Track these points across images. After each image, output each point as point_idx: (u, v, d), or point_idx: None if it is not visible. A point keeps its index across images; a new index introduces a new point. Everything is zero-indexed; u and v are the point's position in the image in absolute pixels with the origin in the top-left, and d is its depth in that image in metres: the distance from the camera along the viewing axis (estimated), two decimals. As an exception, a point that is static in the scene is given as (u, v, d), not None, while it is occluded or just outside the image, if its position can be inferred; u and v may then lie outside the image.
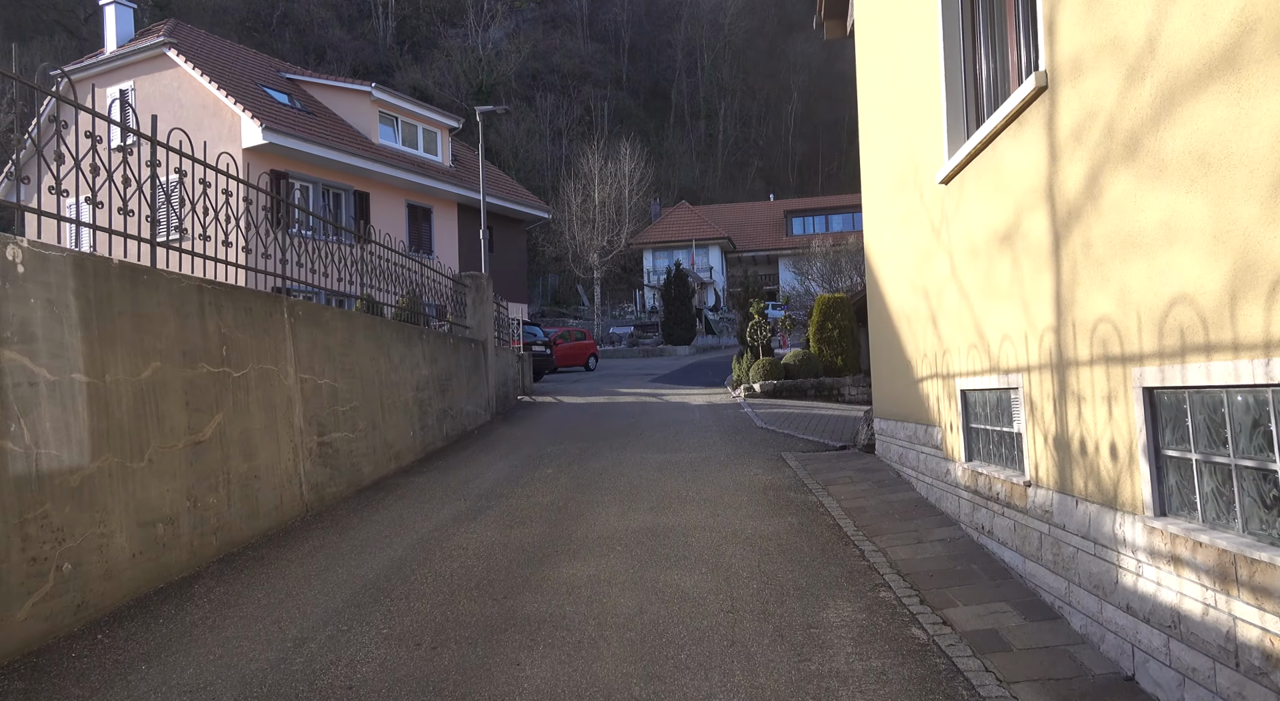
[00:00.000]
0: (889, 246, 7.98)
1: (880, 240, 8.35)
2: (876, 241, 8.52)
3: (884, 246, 8.19)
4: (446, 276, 13.39)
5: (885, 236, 8.11)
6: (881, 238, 8.29)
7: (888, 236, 8.00)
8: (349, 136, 25.00)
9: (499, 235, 31.59)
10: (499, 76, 61.05)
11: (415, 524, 6.85)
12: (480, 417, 13.71)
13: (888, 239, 8.01)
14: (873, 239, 8.67)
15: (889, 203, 7.83)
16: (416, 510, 7.38)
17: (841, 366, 18.29)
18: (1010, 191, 4.66)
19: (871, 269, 8.74)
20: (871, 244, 8.74)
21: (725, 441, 11.10)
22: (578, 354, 29.73)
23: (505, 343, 18.49)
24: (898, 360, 7.71)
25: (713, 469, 9.01)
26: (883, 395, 8.52)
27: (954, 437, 6.04)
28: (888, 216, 7.91)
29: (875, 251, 8.58)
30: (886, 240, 8.06)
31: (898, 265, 7.62)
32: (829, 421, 13.02)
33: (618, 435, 12.08)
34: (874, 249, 8.63)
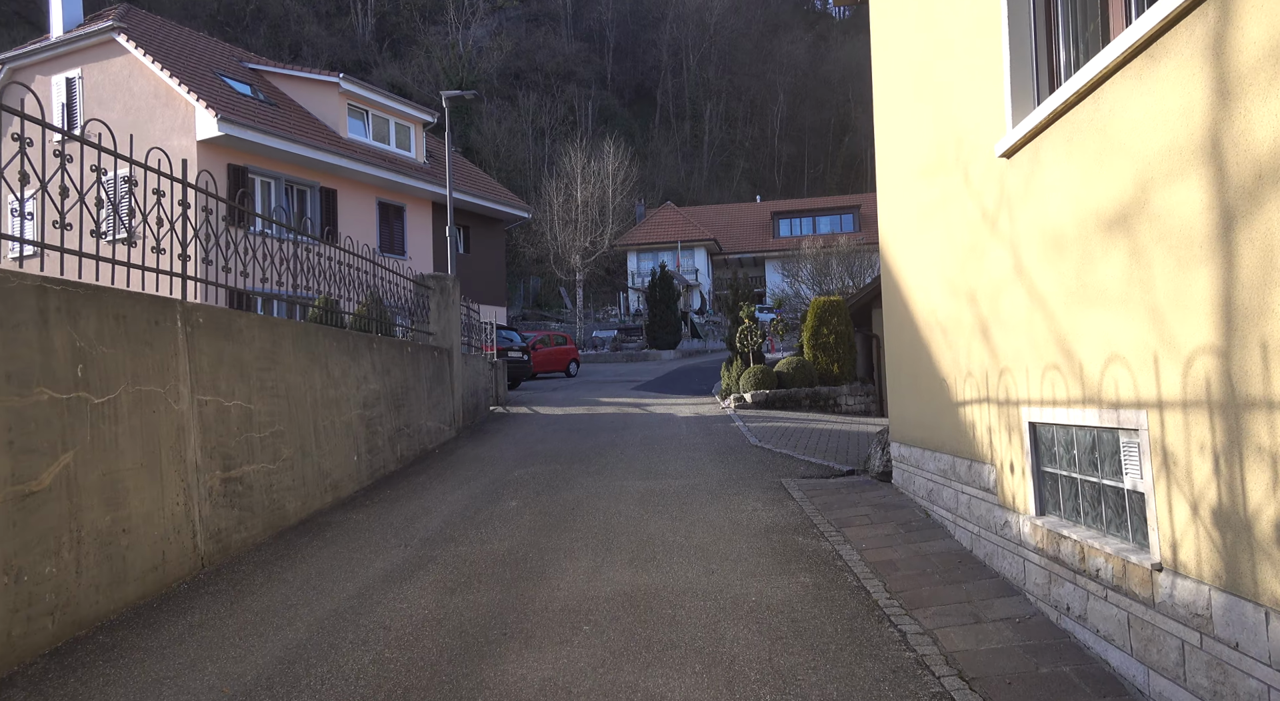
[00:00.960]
0: (914, 241, 6.68)
1: (902, 234, 7.05)
2: (897, 236, 7.23)
3: (907, 241, 6.90)
4: (406, 278, 12.00)
5: (909, 229, 6.82)
6: (904, 231, 7.00)
7: (913, 229, 6.71)
8: (315, 130, 23.54)
9: (476, 235, 30.18)
10: (480, 74, 59.55)
11: (334, 584, 5.46)
12: (443, 434, 12.32)
13: (913, 232, 6.72)
14: (892, 233, 7.37)
15: (915, 189, 6.54)
16: (342, 562, 6.00)
17: (838, 374, 17.03)
18: (1128, 156, 3.36)
19: (889, 268, 7.45)
20: (890, 239, 7.44)
21: (716, 463, 9.78)
22: (558, 359, 28.34)
23: (476, 349, 17.10)
24: (926, 377, 6.41)
25: (703, 501, 7.68)
26: (904, 417, 7.21)
27: (1016, 482, 4.74)
28: (913, 206, 6.62)
29: (895, 248, 7.29)
30: (911, 234, 6.77)
31: (927, 263, 6.33)
32: (830, 438, 11.72)
33: (596, 454, 10.72)
34: (893, 245, 7.34)
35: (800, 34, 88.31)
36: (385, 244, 25.69)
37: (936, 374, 6.15)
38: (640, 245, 48.07)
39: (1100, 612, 3.76)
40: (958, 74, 5.47)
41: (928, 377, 6.35)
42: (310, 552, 6.22)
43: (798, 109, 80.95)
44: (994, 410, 5.04)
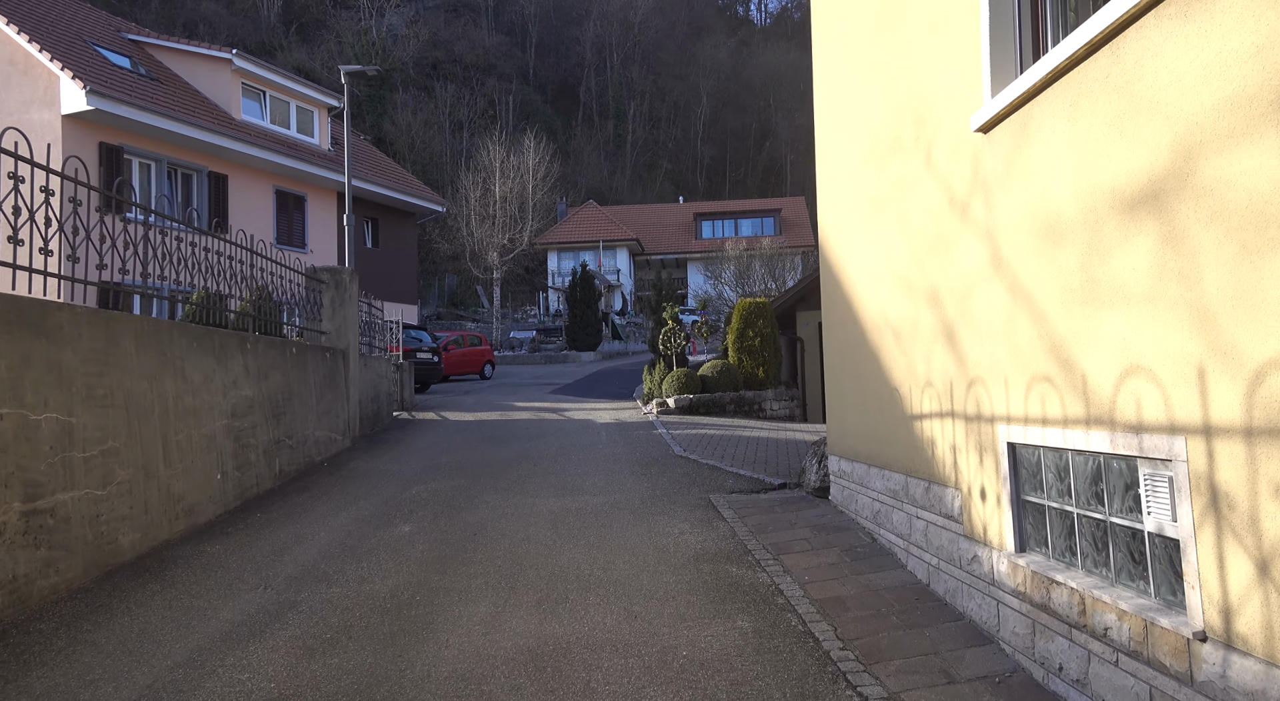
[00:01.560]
0: (862, 235, 5.98)
1: (846, 228, 6.35)
2: (840, 231, 6.52)
3: (853, 236, 6.19)
4: (295, 271, 10.77)
5: (855, 223, 6.12)
6: (849, 225, 6.29)
7: (860, 223, 6.01)
8: (205, 109, 21.73)
9: (386, 229, 28.65)
10: (395, 62, 57.41)
11: (158, 647, 4.38)
12: (336, 445, 11.13)
13: (860, 226, 6.02)
14: (834, 228, 6.67)
15: (863, 178, 5.84)
16: (179, 612, 4.90)
17: (764, 378, 16.45)
18: (1164, 117, 2.66)
19: (831, 266, 6.75)
20: (832, 234, 6.73)
21: (638, 476, 8.94)
22: (471, 361, 27.07)
23: (379, 350, 15.86)
24: (874, 386, 5.72)
25: (625, 522, 6.82)
26: (845, 429, 6.51)
27: (988, 511, 4.04)
28: (861, 196, 5.91)
29: (838, 244, 6.58)
30: (857, 228, 6.07)
31: (878, 259, 5.63)
32: (759, 447, 11.03)
33: (506, 467, 9.75)
34: (836, 240, 6.63)
35: (723, 39, 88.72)
36: (283, 236, 24.03)
37: (887, 383, 5.45)
38: (561, 244, 47.01)
39: (1109, 681, 3.06)
40: (919, 40, 4.77)
41: (876, 386, 5.65)
42: (140, 600, 5.09)
43: (720, 112, 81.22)
44: (960, 426, 4.34)
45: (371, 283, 26.86)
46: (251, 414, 8.35)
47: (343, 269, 12.06)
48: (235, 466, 7.90)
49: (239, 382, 8.12)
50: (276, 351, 9.18)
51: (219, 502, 7.50)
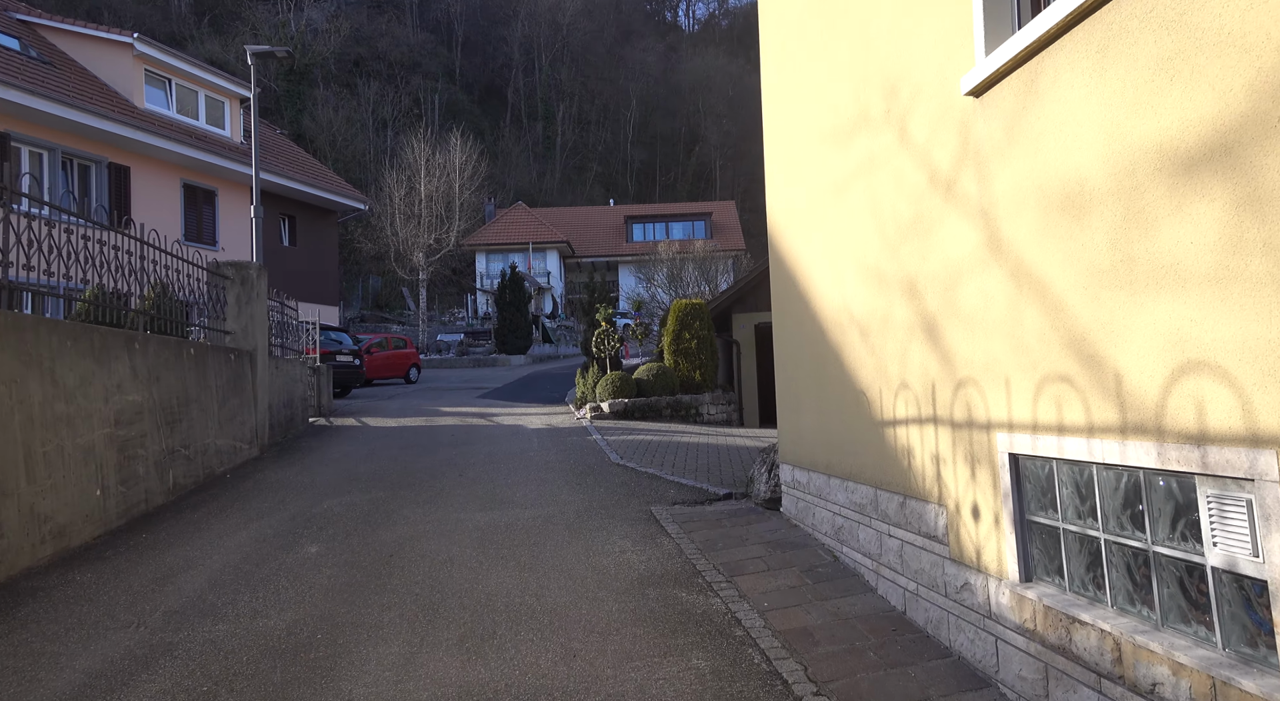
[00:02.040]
0: (820, 223, 5.49)
1: (801, 216, 5.86)
2: (794, 219, 6.03)
3: (809, 224, 5.70)
4: (195, 265, 9.77)
5: (812, 210, 5.63)
6: (804, 212, 5.80)
7: (817, 209, 5.52)
8: (104, 97, 20.20)
9: (304, 227, 27.28)
10: (315, 57, 55.40)
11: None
12: (241, 454, 10.15)
13: (817, 213, 5.52)
14: (786, 216, 6.17)
15: (823, 159, 5.35)
16: (25, 661, 4.06)
17: (700, 382, 15.98)
18: (1238, 48, 2.18)
19: (782, 258, 6.25)
20: (784, 223, 6.24)
21: (573, 486, 8.29)
22: (395, 364, 25.94)
23: (294, 352, 14.81)
24: (836, 388, 5.22)
25: (559, 539, 6.18)
26: (800, 435, 6.01)
27: (982, 532, 3.56)
28: (819, 180, 5.42)
29: (791, 233, 6.09)
30: (814, 215, 5.58)
31: (840, 248, 5.14)
32: (699, 454, 10.51)
33: (430, 477, 8.99)
34: (789, 230, 6.14)
35: (652, 43, 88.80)
36: (192, 232, 22.55)
37: (851, 384, 4.95)
38: (490, 245, 45.93)
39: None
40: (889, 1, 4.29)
41: (838, 388, 5.16)
42: (-22, 648, 4.22)
43: (649, 116, 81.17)
44: (945, 434, 3.86)
45: (289, 282, 25.50)
46: (140, 421, 7.41)
47: (249, 263, 11.07)
48: (119, 480, 6.96)
49: (124, 386, 7.17)
50: (171, 352, 8.23)
51: (98, 522, 6.57)
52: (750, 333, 19.41)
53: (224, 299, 10.71)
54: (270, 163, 25.02)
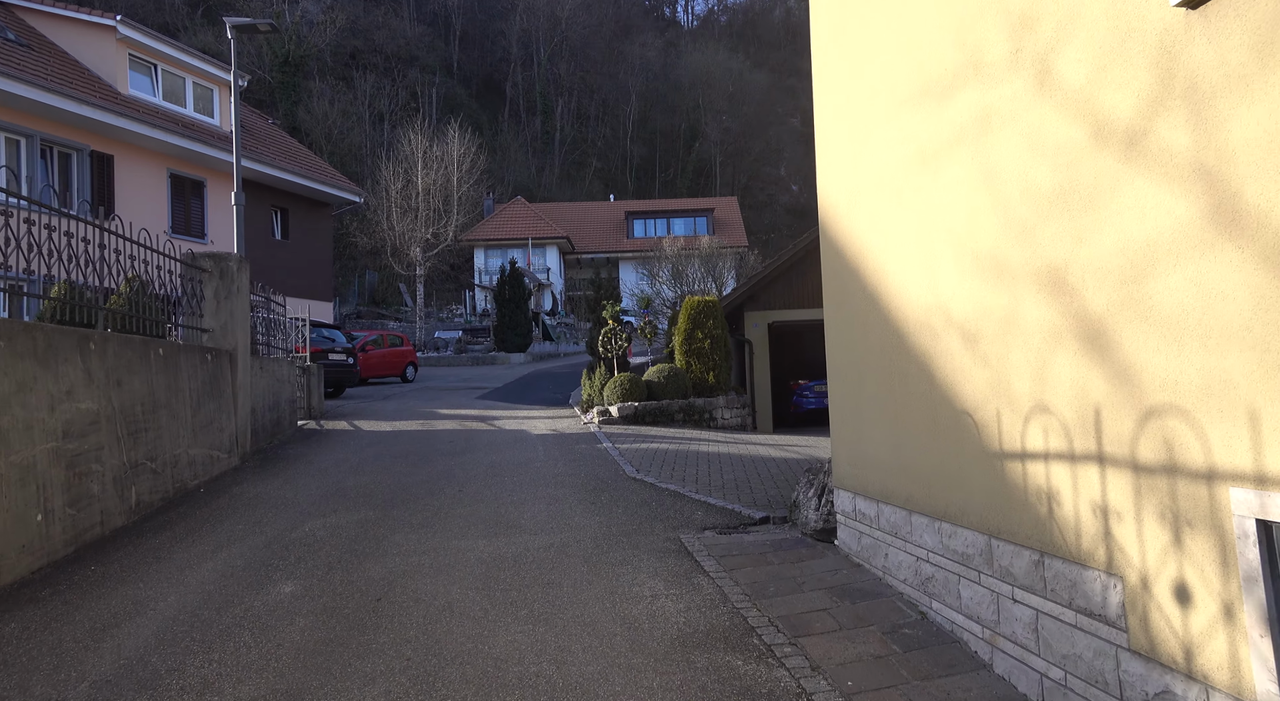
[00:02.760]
0: (896, 200, 4.58)
1: (868, 193, 4.94)
2: (856, 196, 5.11)
3: (880, 202, 4.79)
4: (167, 254, 8.83)
5: (885, 184, 4.72)
6: (872, 187, 4.89)
7: (894, 185, 4.61)
8: (85, 82, 19.26)
9: (298, 220, 26.31)
10: (310, 49, 54.33)
11: None
12: (219, 464, 9.24)
13: (894, 189, 4.62)
14: (847, 196, 5.26)
15: (902, 124, 4.44)
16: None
17: (714, 384, 15.08)
18: None
19: (840, 246, 5.34)
20: (843, 205, 5.32)
21: (587, 506, 7.39)
22: (392, 363, 25.00)
23: (281, 351, 13.89)
24: (922, 404, 4.32)
25: (577, 577, 5.28)
26: (863, 456, 5.11)
27: (1200, 625, 2.65)
28: (898, 149, 4.52)
29: (855, 216, 5.17)
30: (890, 192, 4.67)
31: (929, 231, 4.24)
32: (723, 466, 9.61)
33: (426, 493, 8.08)
34: (851, 212, 5.22)
35: (651, 38, 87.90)
36: (179, 225, 21.61)
37: (948, 402, 4.05)
38: (488, 241, 44.97)
39: None
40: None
41: (924, 406, 4.25)
42: None
43: (649, 112, 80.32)
44: (1121, 479, 2.94)
45: (281, 277, 24.53)
46: (95, 432, 6.49)
47: (229, 255, 10.14)
48: (67, 502, 6.05)
49: (75, 393, 6.25)
50: (135, 353, 7.31)
51: (38, 553, 5.65)
52: (764, 332, 18.50)
53: (201, 294, 9.78)
54: (261, 152, 24.09)
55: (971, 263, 3.79)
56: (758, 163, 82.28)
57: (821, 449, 11.69)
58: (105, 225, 7.35)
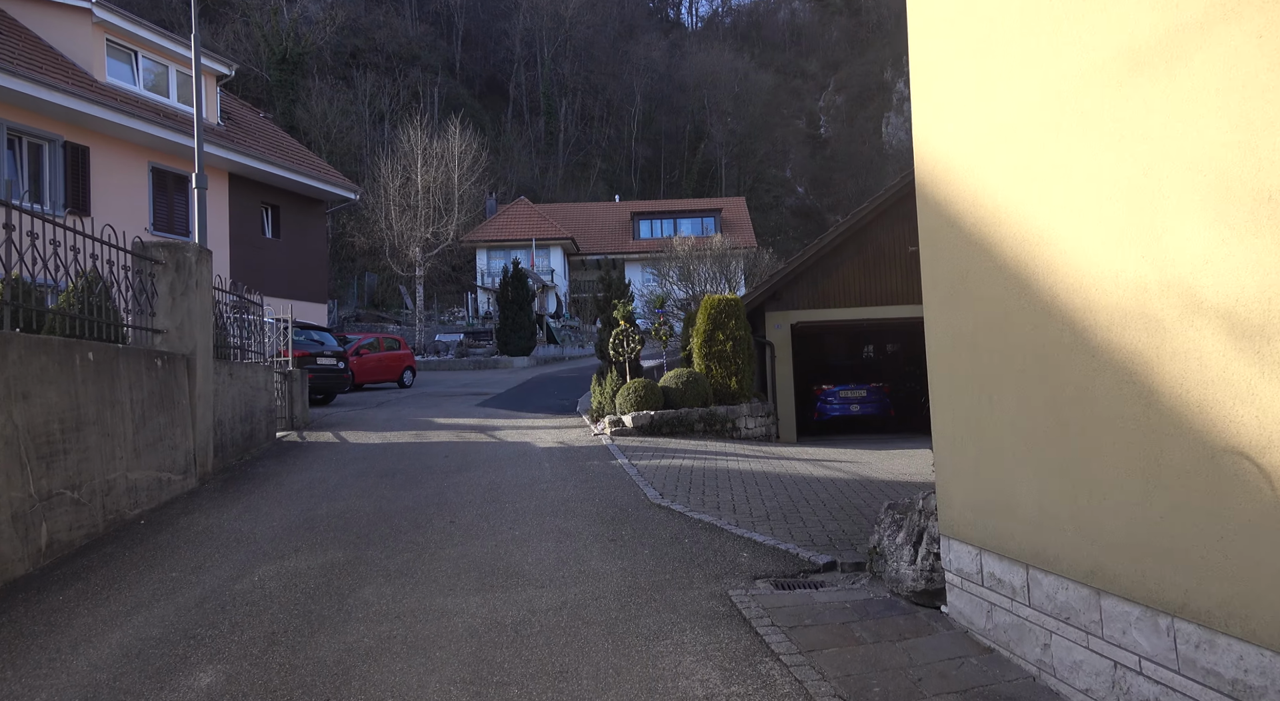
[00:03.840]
0: (1069, 133, 3.19)
1: (1013, 130, 3.56)
2: (991, 138, 3.73)
3: (1030, 141, 3.41)
4: (106, 242, 7.47)
5: (1039, 115, 3.33)
6: (1015, 123, 3.51)
7: (1057, 111, 3.22)
8: (58, 68, 17.97)
9: (289, 217, 24.97)
10: (308, 47, 53.09)
11: None
12: (171, 488, 7.87)
13: (1058, 116, 3.23)
14: (969, 137, 3.88)
15: (1080, 19, 3.05)
16: None
17: (737, 391, 13.70)
18: None
19: (953, 214, 3.97)
20: (959, 151, 3.94)
21: (605, 545, 6.01)
22: (388, 367, 23.65)
23: (257, 355, 12.54)
24: (1124, 431, 2.95)
25: (600, 661, 3.90)
26: (998, 499, 3.71)
27: None
28: (1082, 55, 3.14)
29: (980, 166, 3.79)
30: (1047, 122, 3.29)
31: (1150, 169, 2.85)
32: (759, 487, 8.22)
33: (411, 525, 6.72)
34: (972, 161, 3.84)
35: (655, 39, 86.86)
36: (162, 222, 20.32)
37: (1197, 434, 2.65)
38: (491, 242, 43.68)
39: None
40: None
41: (1139, 437, 2.86)
42: None
43: (654, 113, 79.24)
44: None
45: (272, 277, 23.21)
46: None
47: (186, 244, 8.78)
48: (-59, 550, 4.68)
49: (-44, 409, 4.90)
50: (50, 358, 5.95)
51: (-115, 623, 4.28)
52: (786, 333, 17.11)
53: (153, 289, 8.43)
54: (250, 146, 22.80)
55: (1253, 212, 2.42)
56: (763, 164, 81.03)
57: (867, 466, 10.30)
58: (9, 201, 5.98)
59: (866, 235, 17.14)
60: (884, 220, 17.15)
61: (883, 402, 18.23)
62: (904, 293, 17.01)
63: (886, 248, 17.11)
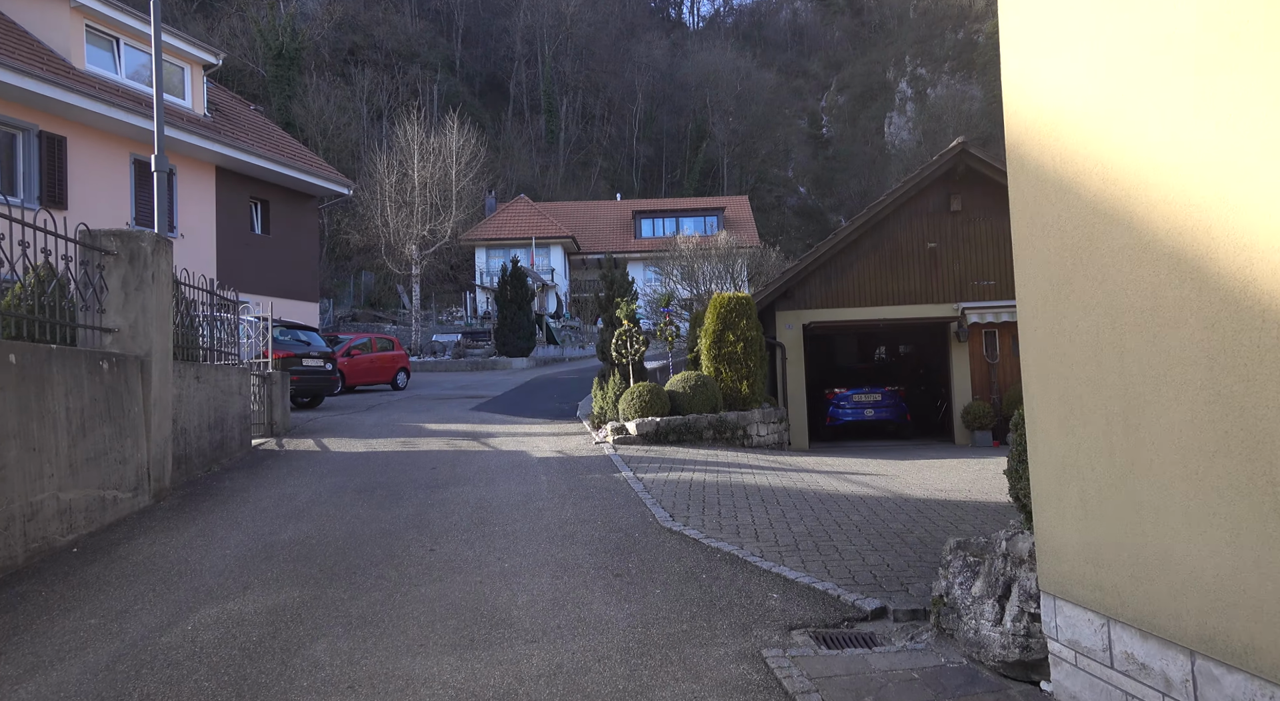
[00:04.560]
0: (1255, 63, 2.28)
1: (1156, 75, 2.64)
2: (1117, 85, 2.81)
3: (1192, 87, 2.49)
4: (50, 232, 6.55)
5: (1213, 46, 2.41)
6: (1164, 69, 2.58)
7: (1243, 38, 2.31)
8: (33, 54, 17.07)
9: (279, 212, 24.06)
10: (305, 42, 52.20)
11: None
12: (117, 508, 6.96)
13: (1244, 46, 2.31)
14: (1083, 84, 2.95)
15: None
16: None
17: (748, 395, 12.79)
18: None
19: (1064, 177, 3.05)
20: (1066, 105, 3.02)
21: (609, 583, 5.10)
22: (380, 368, 22.73)
23: (231, 355, 11.64)
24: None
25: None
26: (1144, 554, 2.75)
27: None
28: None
29: (1104, 121, 2.87)
30: (1219, 58, 2.37)
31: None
32: (780, 504, 7.30)
33: (384, 554, 5.81)
34: (1092, 116, 2.92)
35: (657, 38, 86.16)
36: (144, 216, 19.38)
37: None
38: (490, 240, 42.79)
39: None
40: None
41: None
42: None
43: (655, 112, 78.50)
44: None
45: (261, 275, 22.30)
46: None
47: (141, 233, 7.86)
48: None
49: None
50: (-44, 361, 5.04)
51: None
52: (797, 334, 16.20)
53: (103, 283, 7.51)
54: (239, 138, 21.90)
55: None
56: (765, 164, 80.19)
57: (897, 480, 9.36)
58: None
59: (884, 230, 16.24)
60: (902, 215, 16.26)
61: (898, 407, 17.30)
62: (922, 292, 16.12)
63: (904, 244, 16.21)
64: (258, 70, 49.92)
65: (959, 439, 15.84)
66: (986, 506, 7.38)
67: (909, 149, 72.42)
